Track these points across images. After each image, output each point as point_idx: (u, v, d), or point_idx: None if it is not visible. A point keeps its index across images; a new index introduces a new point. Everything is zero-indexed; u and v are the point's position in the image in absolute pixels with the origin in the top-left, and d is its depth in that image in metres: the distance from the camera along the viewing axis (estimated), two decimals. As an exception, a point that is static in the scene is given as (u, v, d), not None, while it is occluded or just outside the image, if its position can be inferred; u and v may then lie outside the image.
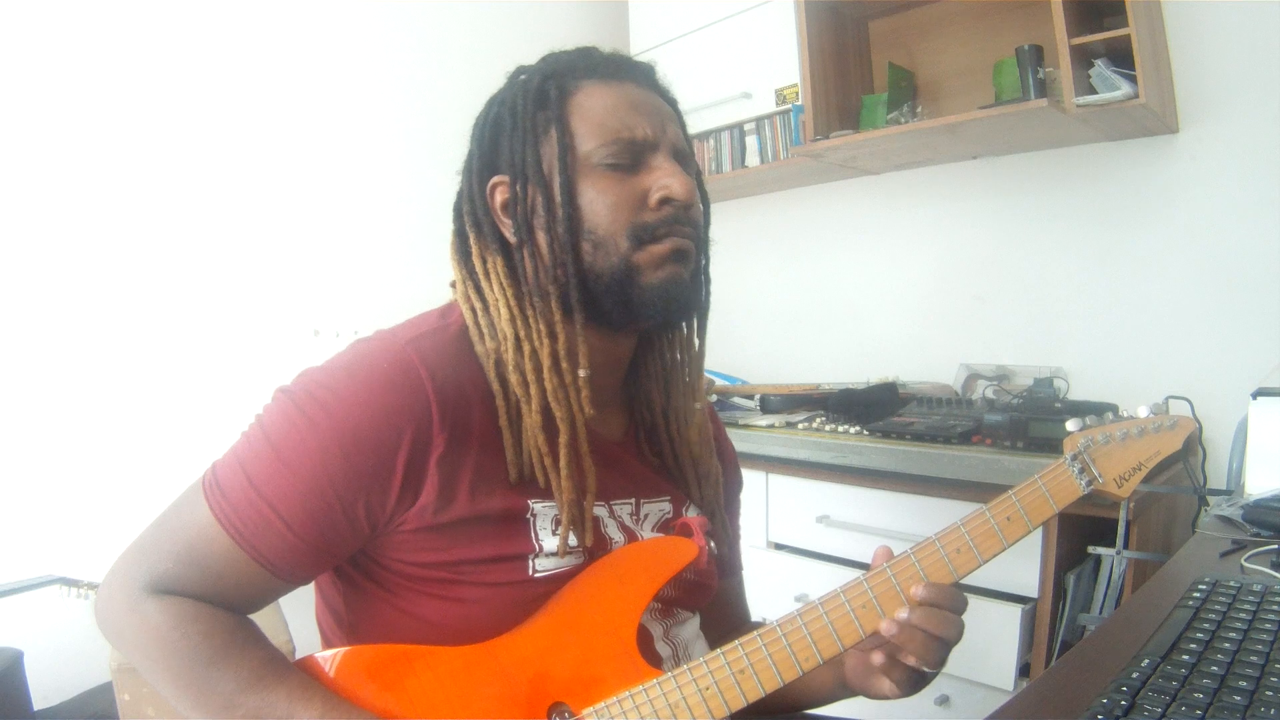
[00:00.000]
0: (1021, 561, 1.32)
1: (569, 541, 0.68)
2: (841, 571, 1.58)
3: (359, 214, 2.09)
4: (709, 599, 0.80)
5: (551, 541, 0.68)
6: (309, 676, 0.63)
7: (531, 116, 0.71)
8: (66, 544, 1.59)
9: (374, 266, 2.09)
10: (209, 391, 1.79)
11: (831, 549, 1.62)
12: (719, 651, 0.64)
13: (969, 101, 1.86)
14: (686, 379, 0.80)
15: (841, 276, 2.25)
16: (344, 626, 0.72)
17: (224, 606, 0.64)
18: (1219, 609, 0.69)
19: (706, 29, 2.25)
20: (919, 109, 1.94)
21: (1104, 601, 1.32)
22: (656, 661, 0.72)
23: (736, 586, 0.93)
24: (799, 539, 1.68)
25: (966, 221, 2.00)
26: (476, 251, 0.73)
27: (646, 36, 2.42)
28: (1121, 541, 1.24)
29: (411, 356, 0.65)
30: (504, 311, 0.70)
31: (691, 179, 0.71)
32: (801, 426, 1.75)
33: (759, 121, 2.18)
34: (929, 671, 0.67)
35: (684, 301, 0.72)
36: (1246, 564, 0.88)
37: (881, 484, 1.53)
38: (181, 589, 0.63)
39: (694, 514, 0.81)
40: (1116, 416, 0.75)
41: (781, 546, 1.72)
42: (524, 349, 0.68)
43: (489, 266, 0.71)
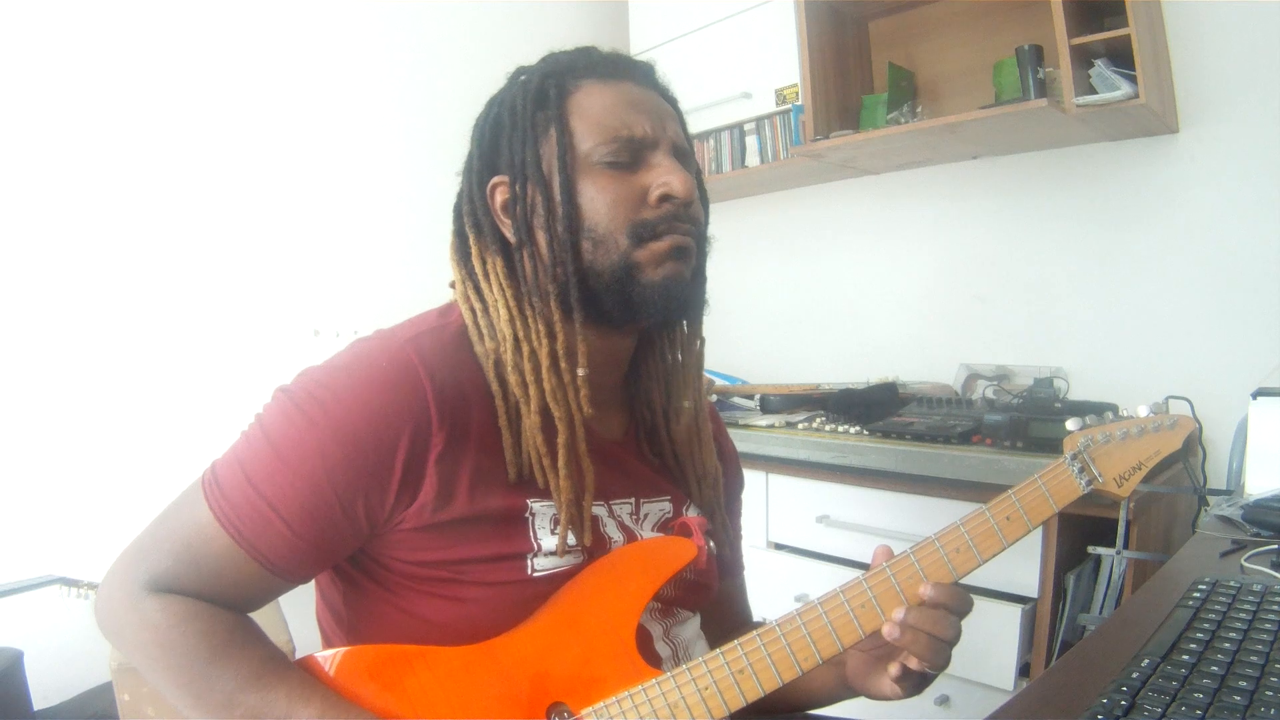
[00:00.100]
0: (1021, 561, 1.32)
1: (567, 541, 0.68)
2: (841, 571, 1.58)
3: (359, 214, 2.09)
4: (709, 599, 0.80)
5: (550, 541, 0.68)
6: (309, 675, 0.63)
7: (531, 116, 0.71)
8: (66, 544, 1.59)
9: (374, 266, 2.09)
10: (209, 391, 1.79)
11: (831, 549, 1.62)
12: (718, 651, 0.64)
13: (969, 101, 1.86)
14: (687, 378, 0.80)
15: (841, 276, 2.25)
16: (343, 626, 0.72)
17: (223, 605, 0.64)
18: (1219, 609, 0.69)
19: (706, 29, 2.25)
20: (919, 109, 1.94)
21: (1104, 601, 1.32)
22: (656, 661, 0.72)
23: (738, 586, 0.93)
24: (799, 539, 1.68)
25: (966, 221, 2.00)
26: (476, 252, 0.73)
27: (646, 36, 2.42)
28: (1121, 541, 1.24)
29: (410, 356, 0.65)
30: (503, 312, 0.70)
31: (691, 176, 0.71)
32: (801, 426, 1.75)
33: (759, 121, 2.18)
34: (932, 673, 0.67)
35: (684, 299, 0.72)
36: (1246, 564, 0.88)
37: (881, 484, 1.53)
38: (181, 588, 0.63)
39: (694, 514, 0.81)
40: (1116, 416, 0.75)
41: (781, 546, 1.72)
42: (523, 349, 0.68)
43: (489, 267, 0.71)
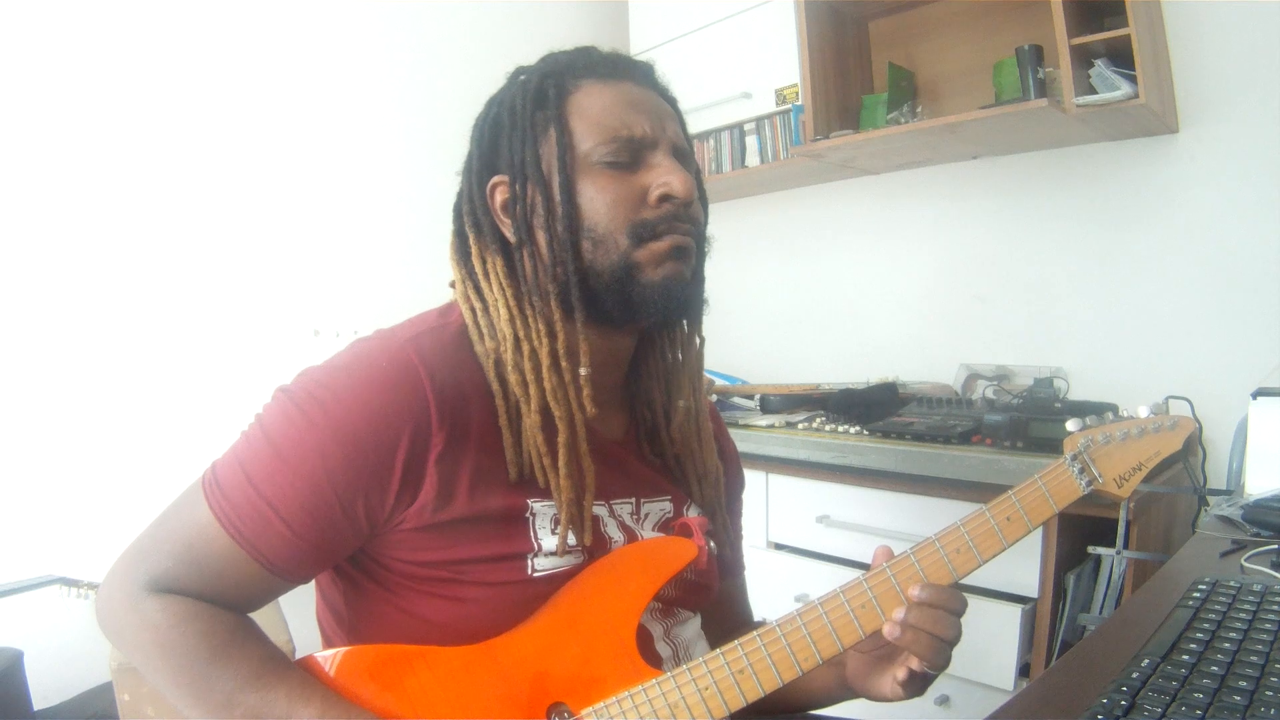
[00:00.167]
0: (1021, 561, 1.32)
1: (568, 541, 0.67)
2: (841, 571, 1.58)
3: (359, 214, 2.09)
4: (710, 599, 0.80)
5: (550, 541, 0.68)
6: (309, 675, 0.63)
7: (530, 116, 0.71)
8: (66, 544, 1.59)
9: (374, 266, 2.09)
10: (209, 391, 1.79)
11: (831, 549, 1.62)
12: (718, 652, 0.64)
13: (969, 101, 1.86)
14: (687, 377, 0.80)
15: (841, 276, 2.25)
16: (344, 626, 0.72)
17: (224, 605, 0.64)
18: (1219, 609, 0.69)
19: (706, 29, 2.25)
20: (919, 109, 1.94)
21: (1104, 601, 1.32)
22: (656, 662, 0.72)
23: (739, 586, 0.93)
24: (799, 539, 1.68)
25: (966, 221, 2.00)
26: (476, 252, 0.72)
27: (646, 36, 2.42)
28: (1121, 541, 1.24)
29: (411, 356, 0.65)
30: (503, 311, 0.69)
31: (691, 176, 0.71)
32: (801, 426, 1.75)
33: (759, 121, 2.18)
34: (932, 673, 0.67)
35: (684, 299, 0.72)
36: (1246, 564, 0.88)
37: (881, 484, 1.53)
38: (181, 588, 0.63)
39: (695, 514, 0.81)
40: (1117, 416, 0.75)
41: (781, 546, 1.72)
42: (523, 349, 0.68)
43: (489, 266, 0.71)
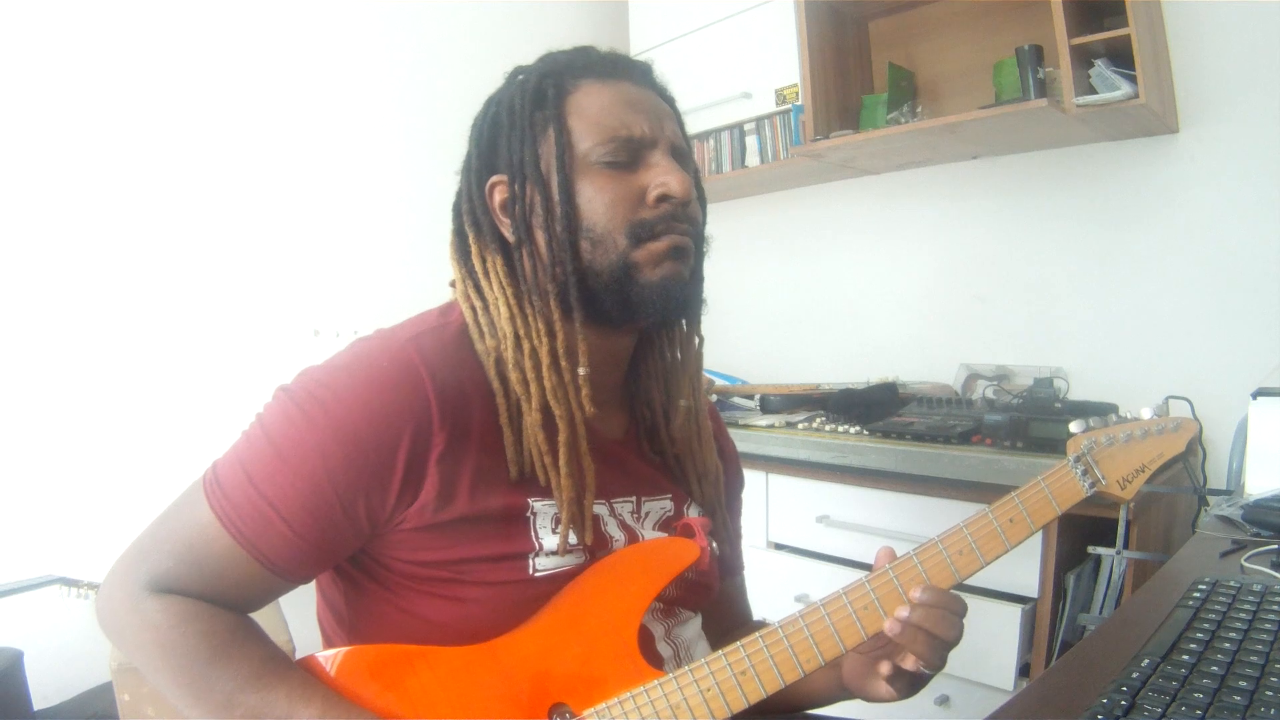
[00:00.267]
0: (1021, 561, 1.32)
1: (569, 540, 0.68)
2: (842, 571, 1.58)
3: (359, 214, 2.09)
4: (711, 598, 0.80)
5: (552, 540, 0.68)
6: (309, 675, 0.63)
7: (529, 116, 0.71)
8: (66, 544, 1.59)
9: (374, 266, 2.09)
10: (209, 391, 1.79)
11: (831, 549, 1.62)
12: (720, 652, 0.64)
13: (969, 101, 1.86)
14: (686, 376, 0.80)
15: (841, 276, 2.25)
16: (345, 626, 0.72)
17: (224, 605, 0.64)
18: (1219, 609, 0.69)
19: (706, 29, 2.25)
20: (919, 109, 1.94)
21: (1104, 601, 1.32)
22: (658, 662, 0.72)
23: (738, 586, 0.93)
24: (799, 539, 1.68)
25: (966, 221, 2.00)
26: (476, 251, 0.73)
27: (646, 36, 2.42)
28: (1121, 541, 1.24)
29: (412, 355, 0.65)
30: (503, 310, 0.70)
31: (689, 176, 0.71)
32: (801, 426, 1.75)
33: (759, 121, 2.18)
34: (927, 673, 0.67)
35: (683, 299, 0.72)
36: (1246, 564, 0.88)
37: (881, 484, 1.53)
38: (182, 588, 0.63)
39: (695, 513, 0.81)
40: (1119, 418, 0.75)
41: (781, 546, 1.72)
42: (524, 347, 0.68)
43: (488, 265, 0.71)
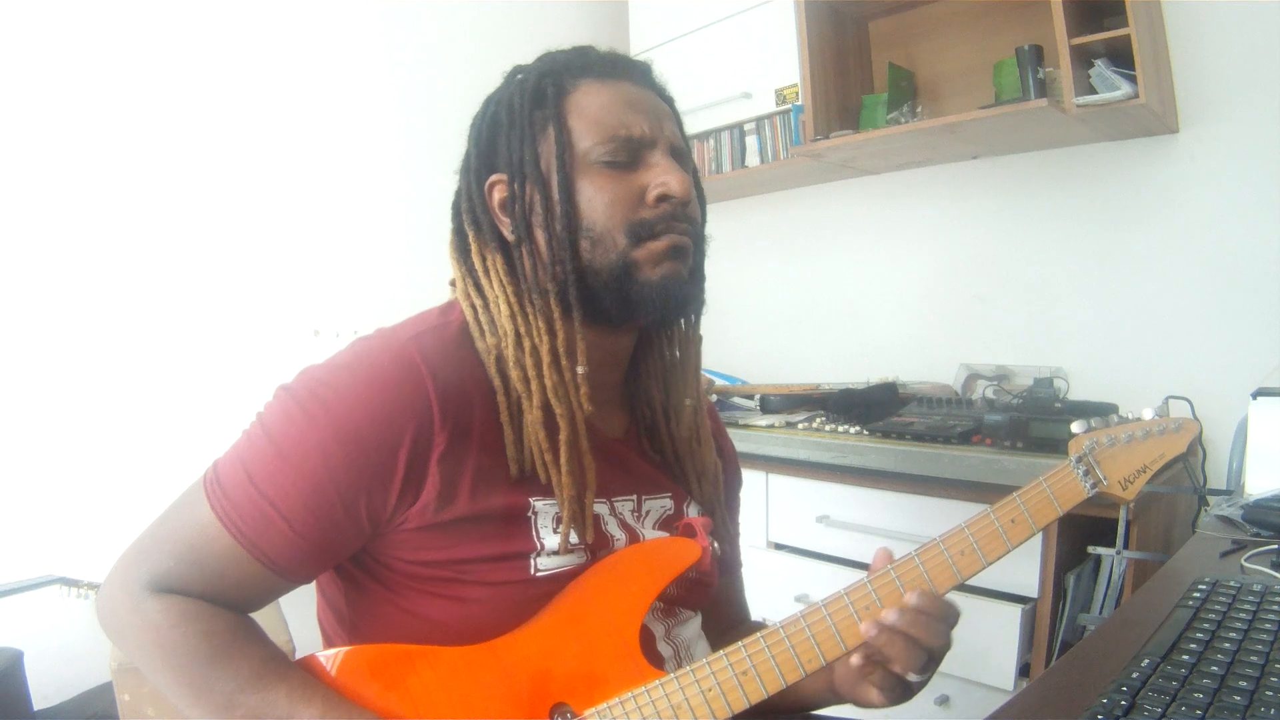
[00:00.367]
0: (1021, 561, 1.32)
1: (570, 539, 0.68)
2: (841, 571, 1.58)
3: (359, 214, 2.09)
4: (711, 596, 0.80)
5: (553, 540, 0.68)
6: (310, 675, 0.63)
7: (529, 115, 0.71)
8: (66, 544, 1.59)
9: (374, 266, 2.09)
10: (210, 391, 1.79)
11: (831, 549, 1.62)
12: (721, 652, 0.64)
13: (969, 101, 1.86)
14: (685, 375, 0.80)
15: (841, 276, 2.25)
16: (345, 625, 0.72)
17: (225, 605, 0.64)
18: (1219, 609, 0.69)
19: (706, 29, 2.25)
20: (919, 109, 1.94)
21: (1104, 601, 1.32)
22: (659, 662, 0.72)
23: (736, 585, 0.93)
24: (799, 539, 1.68)
25: (966, 221, 2.00)
26: (475, 249, 0.73)
27: (646, 36, 2.42)
28: (1121, 541, 1.24)
29: (413, 354, 0.65)
30: (504, 308, 0.70)
31: (689, 176, 0.71)
32: (801, 426, 1.75)
33: (759, 121, 2.18)
34: (915, 680, 0.66)
35: (683, 298, 0.72)
36: (1246, 564, 0.88)
37: (881, 484, 1.53)
38: (182, 588, 0.63)
39: (695, 511, 0.81)
40: (1120, 418, 0.75)
41: (781, 546, 1.72)
42: (524, 345, 0.68)
43: (488, 264, 0.72)
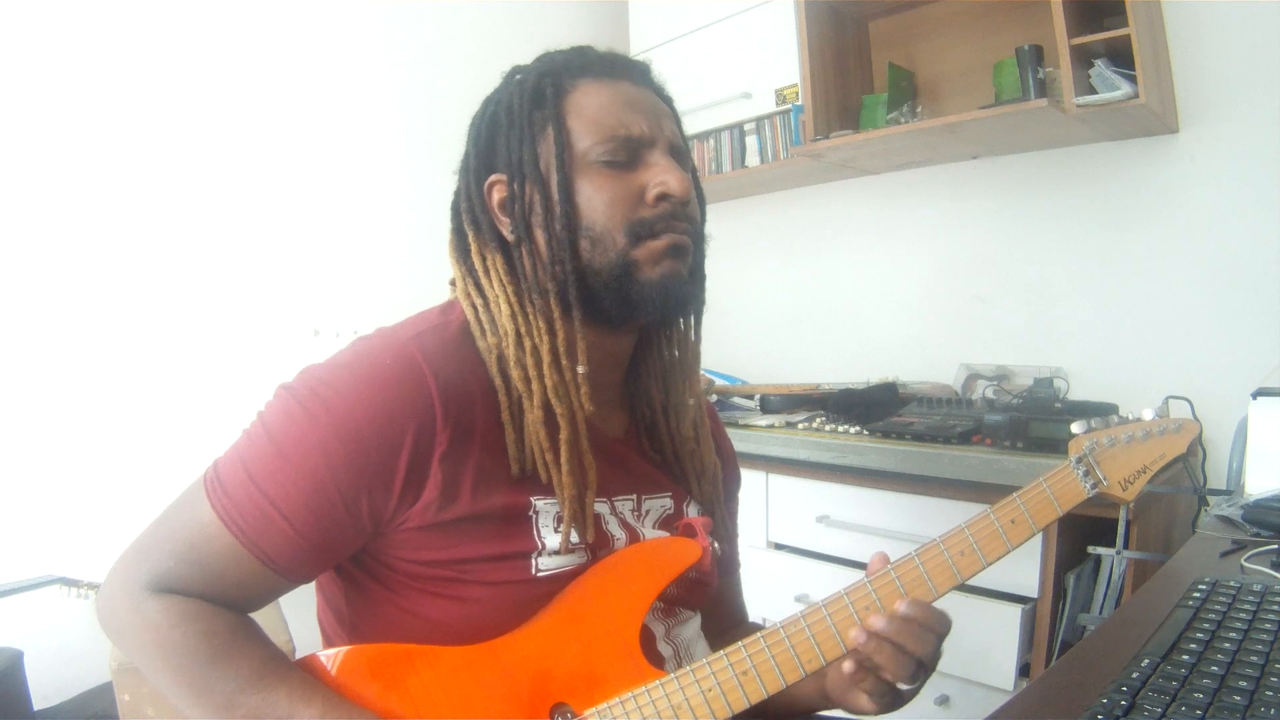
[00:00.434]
0: (1021, 561, 1.32)
1: (570, 538, 0.68)
2: (841, 571, 1.58)
3: (359, 214, 2.09)
4: (710, 596, 0.80)
5: (554, 539, 0.68)
6: (310, 676, 0.63)
7: (528, 115, 0.71)
8: (66, 544, 1.59)
9: (374, 266, 2.09)
10: (210, 391, 1.79)
11: (831, 549, 1.62)
12: (722, 652, 0.64)
13: (969, 101, 1.86)
14: (684, 375, 0.80)
15: (841, 276, 2.25)
16: (346, 625, 0.72)
17: (225, 605, 0.64)
18: (1219, 609, 0.69)
19: (706, 29, 2.25)
20: (919, 109, 1.94)
21: (1104, 601, 1.32)
22: (659, 662, 0.72)
23: (733, 585, 0.93)
24: (799, 539, 1.68)
25: (966, 221, 2.00)
26: (475, 249, 0.73)
27: (646, 36, 2.42)
28: (1121, 541, 1.24)
29: (414, 353, 0.65)
30: (504, 307, 0.70)
31: (688, 175, 0.71)
32: (801, 426, 1.75)
33: (759, 121, 2.18)
34: (905, 688, 0.66)
35: (682, 297, 0.72)
36: (1246, 564, 0.88)
37: (881, 484, 1.53)
38: (183, 587, 0.63)
39: (694, 511, 0.81)
40: (1120, 419, 0.75)
41: (781, 546, 1.72)
42: (525, 344, 0.68)
43: (488, 264, 0.72)
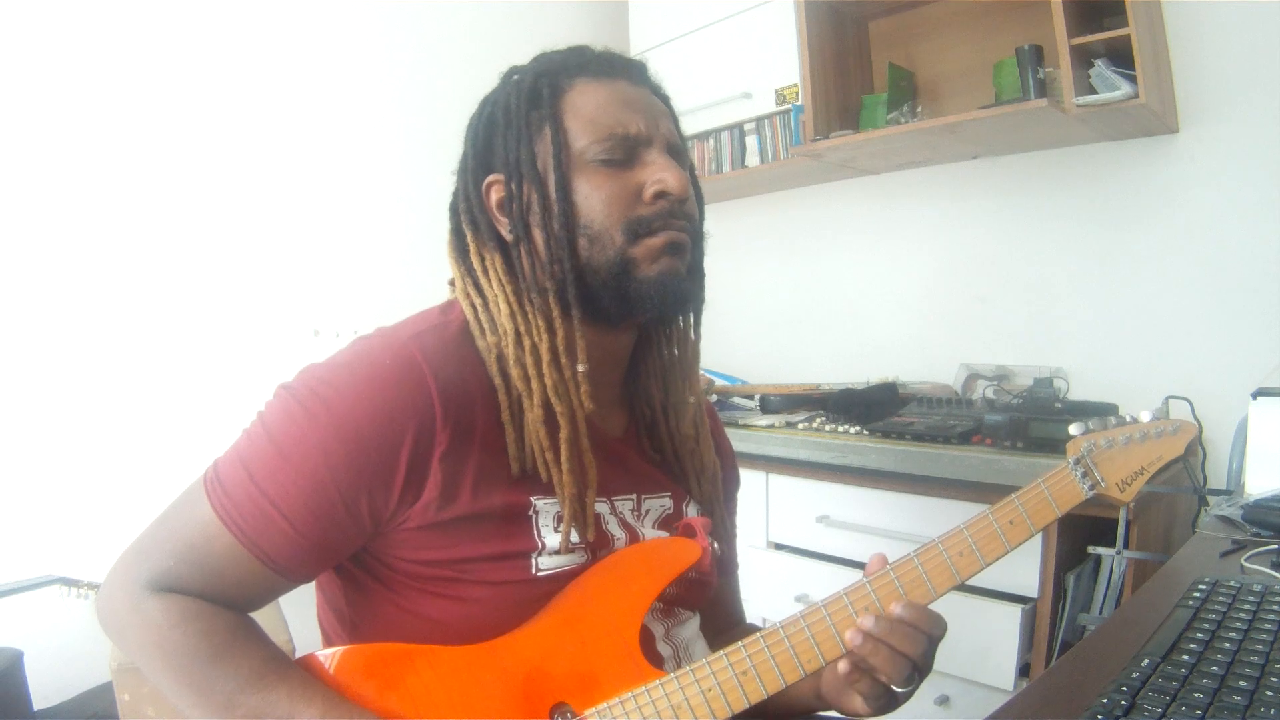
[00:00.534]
0: (1022, 561, 1.32)
1: (571, 537, 0.68)
2: (841, 571, 1.58)
3: (359, 214, 2.09)
4: (709, 596, 0.80)
5: (554, 539, 0.68)
6: (310, 675, 0.63)
7: (525, 115, 0.71)
8: (66, 544, 1.59)
9: (374, 266, 2.09)
10: (210, 391, 1.79)
11: (831, 549, 1.62)
12: (721, 652, 0.64)
13: (969, 101, 1.86)
14: (684, 374, 0.80)
15: (841, 276, 2.25)
16: (346, 625, 0.72)
17: (225, 604, 0.64)
18: (1219, 609, 0.69)
19: (706, 29, 2.25)
20: (919, 109, 1.94)
21: (1104, 601, 1.32)
22: (658, 662, 0.72)
23: (731, 585, 0.93)
24: (799, 539, 1.68)
25: (966, 221, 2.00)
26: (474, 249, 0.73)
27: (646, 36, 2.42)
28: (1121, 541, 1.24)
29: (414, 353, 0.65)
30: (503, 307, 0.70)
31: (685, 173, 0.71)
32: (801, 426, 1.75)
33: (759, 121, 2.18)
34: (899, 691, 0.66)
35: (681, 294, 0.72)
36: (1246, 564, 0.88)
37: (881, 484, 1.53)
38: (183, 587, 0.63)
39: (694, 510, 0.81)
40: (1119, 420, 0.75)
41: (781, 546, 1.72)
42: (524, 343, 0.69)
43: (487, 263, 0.72)
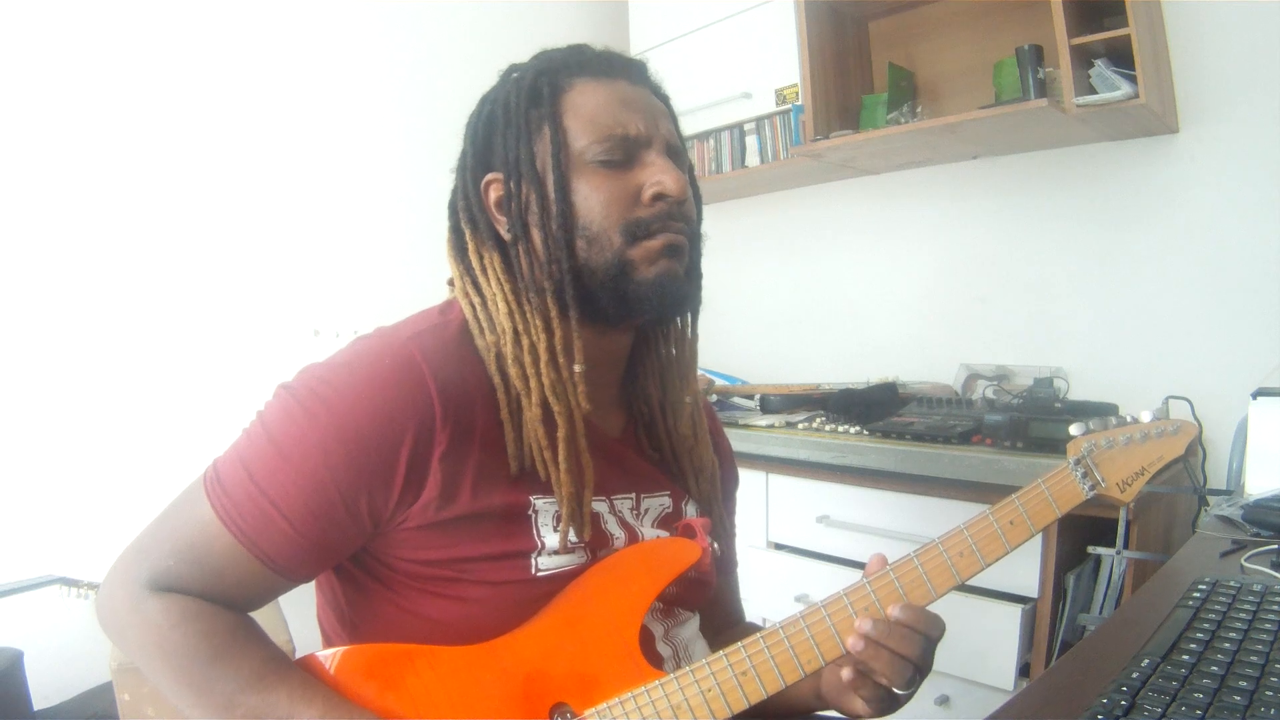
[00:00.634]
0: (1021, 561, 1.32)
1: (569, 537, 0.68)
2: (841, 571, 1.58)
3: (359, 214, 2.09)
4: (709, 595, 0.80)
5: (554, 538, 0.68)
6: (310, 675, 0.63)
7: (524, 114, 0.71)
8: (66, 544, 1.59)
9: (374, 266, 2.09)
10: (210, 391, 1.79)
11: (831, 549, 1.62)
12: (721, 653, 0.64)
13: (969, 101, 1.86)
14: (682, 373, 0.80)
15: (841, 276, 2.25)
16: (346, 625, 0.72)
17: (225, 604, 0.64)
18: (1219, 609, 0.69)
19: (706, 29, 2.25)
20: (919, 109, 1.94)
21: (1104, 601, 1.32)
22: (658, 662, 0.72)
23: (731, 585, 0.93)
24: (799, 539, 1.68)
25: (966, 221, 2.00)
26: (473, 248, 0.73)
27: (646, 36, 2.42)
28: (1121, 541, 1.24)
29: (414, 353, 0.65)
30: (502, 306, 0.70)
31: (684, 175, 0.71)
32: (801, 426, 1.75)
33: (759, 121, 2.18)
34: (900, 693, 0.66)
35: (679, 296, 0.72)
36: (1246, 564, 0.88)
37: (881, 484, 1.53)
38: (182, 587, 0.63)
39: (693, 509, 0.81)
40: (1119, 419, 0.75)
41: (781, 546, 1.72)
42: (523, 342, 0.69)
43: (485, 262, 0.72)
